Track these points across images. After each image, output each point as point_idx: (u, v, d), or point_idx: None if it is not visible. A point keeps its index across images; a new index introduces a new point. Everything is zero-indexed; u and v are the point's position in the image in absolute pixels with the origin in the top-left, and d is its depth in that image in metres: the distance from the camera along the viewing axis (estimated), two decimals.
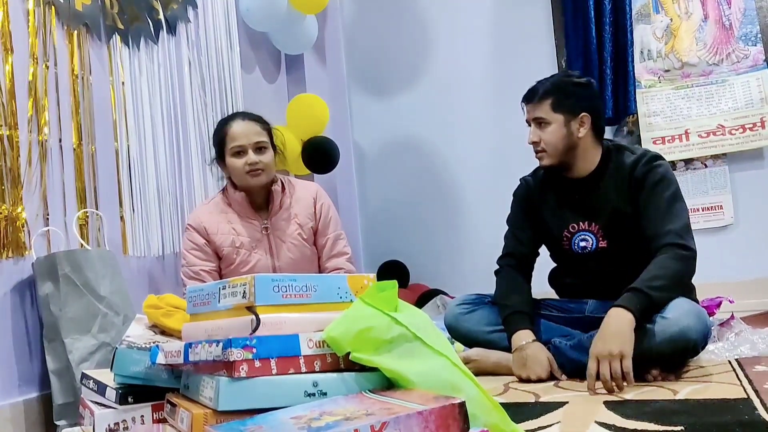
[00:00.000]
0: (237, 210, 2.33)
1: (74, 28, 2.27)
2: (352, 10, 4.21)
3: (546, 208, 2.18)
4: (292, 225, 2.37)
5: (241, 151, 2.26)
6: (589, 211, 2.08)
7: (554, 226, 2.15)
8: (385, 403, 1.03)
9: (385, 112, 4.09)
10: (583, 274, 2.14)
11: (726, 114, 3.28)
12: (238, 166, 2.26)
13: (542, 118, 2.06)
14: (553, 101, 2.05)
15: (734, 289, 2.89)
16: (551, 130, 2.05)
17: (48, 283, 1.93)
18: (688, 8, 3.39)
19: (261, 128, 2.31)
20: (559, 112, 2.04)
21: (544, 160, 2.09)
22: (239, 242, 2.29)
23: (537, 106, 2.07)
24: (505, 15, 3.84)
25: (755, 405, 1.39)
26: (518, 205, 2.28)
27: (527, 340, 1.98)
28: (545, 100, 2.06)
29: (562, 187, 2.14)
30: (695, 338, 1.77)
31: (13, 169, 1.99)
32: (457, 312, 2.22)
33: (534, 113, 2.07)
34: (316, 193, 2.44)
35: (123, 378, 1.42)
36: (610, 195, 2.04)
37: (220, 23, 3.07)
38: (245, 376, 1.13)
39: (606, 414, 1.43)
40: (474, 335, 2.16)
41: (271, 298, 1.24)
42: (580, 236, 2.10)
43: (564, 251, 2.15)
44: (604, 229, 2.06)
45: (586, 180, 2.09)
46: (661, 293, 1.81)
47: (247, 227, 2.32)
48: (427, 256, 3.87)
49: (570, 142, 2.05)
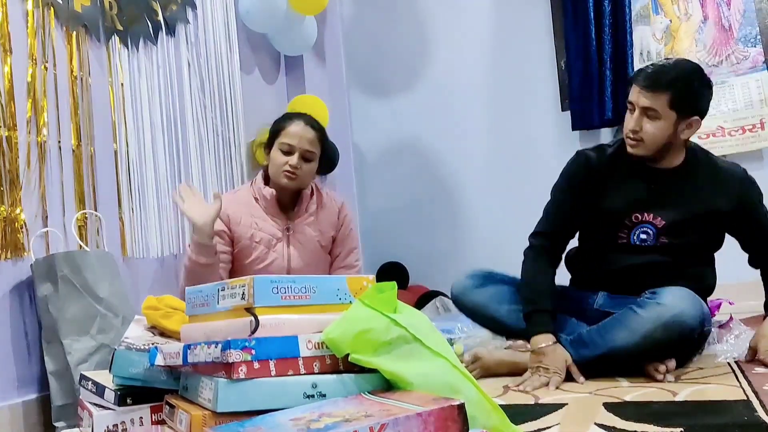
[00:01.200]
0: (263, 205, 2.35)
1: (73, 29, 2.26)
2: (351, 12, 4.21)
3: (613, 187, 2.01)
4: (314, 231, 2.39)
5: (289, 151, 2.30)
6: (662, 204, 1.96)
7: (619, 208, 1.99)
8: (384, 404, 1.03)
9: (384, 113, 4.09)
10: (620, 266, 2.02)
11: (725, 115, 3.28)
12: (280, 162, 2.30)
13: (654, 110, 1.88)
14: (672, 97, 1.87)
15: (734, 290, 2.88)
16: (659, 126, 1.89)
17: (47, 285, 1.92)
18: (687, 9, 3.39)
19: (317, 139, 2.36)
20: (674, 109, 1.88)
21: (638, 149, 1.93)
22: (259, 237, 2.31)
23: (653, 95, 1.87)
24: (504, 16, 3.84)
25: (754, 406, 1.39)
26: (573, 180, 2.07)
27: (547, 343, 1.88)
28: (664, 92, 1.87)
29: (641, 171, 2.00)
30: (690, 323, 1.76)
31: (11, 171, 1.99)
32: (468, 284, 2.16)
33: (647, 102, 1.88)
34: (342, 204, 2.49)
35: (122, 379, 1.42)
36: (695, 195, 1.95)
37: (220, 24, 3.07)
38: (244, 377, 1.13)
39: (605, 415, 1.43)
40: (482, 310, 2.12)
41: (270, 299, 1.24)
42: (642, 228, 1.97)
43: (615, 239, 2.01)
44: (668, 224, 1.95)
45: (670, 173, 1.98)
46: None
47: (269, 225, 2.34)
48: (426, 257, 3.87)
49: (670, 140, 1.93)
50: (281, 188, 2.34)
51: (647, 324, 1.77)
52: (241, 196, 2.39)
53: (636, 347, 1.78)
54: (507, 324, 2.05)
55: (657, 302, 1.79)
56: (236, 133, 3.09)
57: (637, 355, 1.79)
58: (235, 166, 3.06)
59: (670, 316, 1.75)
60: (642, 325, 1.78)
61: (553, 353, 1.87)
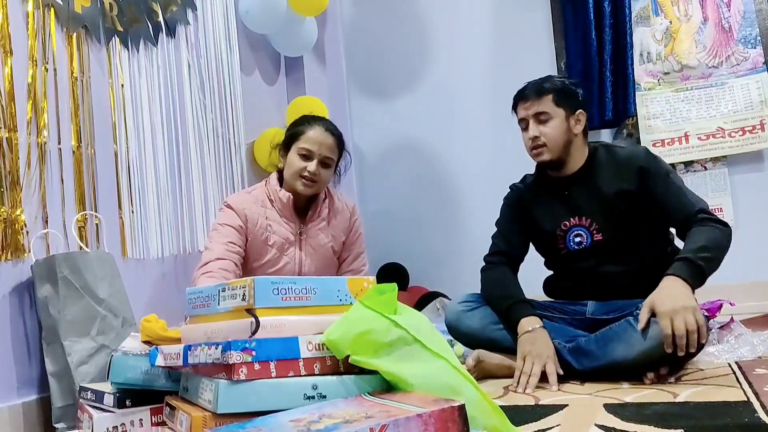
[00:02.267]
0: (278, 208, 2.33)
1: (73, 30, 2.27)
2: (351, 13, 4.21)
3: (537, 209, 2.18)
4: (326, 235, 2.39)
5: (308, 157, 2.27)
6: (580, 206, 2.09)
7: (547, 225, 2.15)
8: (384, 405, 1.03)
9: (384, 114, 4.09)
10: (579, 274, 2.12)
11: (726, 116, 3.28)
12: (298, 167, 2.27)
13: (545, 112, 2.08)
14: (555, 96, 2.09)
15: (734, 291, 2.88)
16: (554, 125, 2.08)
17: (47, 286, 1.92)
18: (687, 11, 3.40)
19: (336, 146, 2.33)
20: (560, 106, 2.09)
21: (544, 155, 2.10)
22: (272, 240, 2.30)
23: (538, 101, 2.09)
24: (504, 17, 3.84)
25: (755, 408, 1.38)
26: (509, 209, 2.29)
27: (535, 326, 1.96)
28: (547, 95, 2.09)
29: (553, 186, 2.16)
30: None
31: (12, 172, 1.99)
32: (459, 309, 2.18)
33: (535, 108, 2.09)
34: (353, 208, 2.49)
35: (120, 385, 1.42)
36: (602, 188, 2.06)
37: (220, 26, 3.07)
38: (244, 378, 1.13)
39: (606, 417, 1.43)
40: (476, 333, 2.13)
41: (270, 300, 1.24)
42: (573, 232, 2.10)
43: (558, 251, 2.14)
44: (597, 222, 2.07)
45: (576, 176, 2.12)
46: (710, 264, 1.84)
47: (283, 228, 2.32)
48: (426, 258, 3.87)
49: (568, 138, 2.09)
50: (296, 193, 2.31)
51: (646, 341, 1.77)
52: (256, 196, 2.35)
53: (634, 362, 1.80)
54: (505, 344, 2.05)
55: (655, 320, 1.77)
56: (236, 134, 3.09)
57: (635, 368, 1.80)
58: (235, 167, 3.06)
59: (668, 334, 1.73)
60: (640, 343, 1.78)
61: (544, 336, 1.93)
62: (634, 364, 1.79)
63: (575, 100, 2.13)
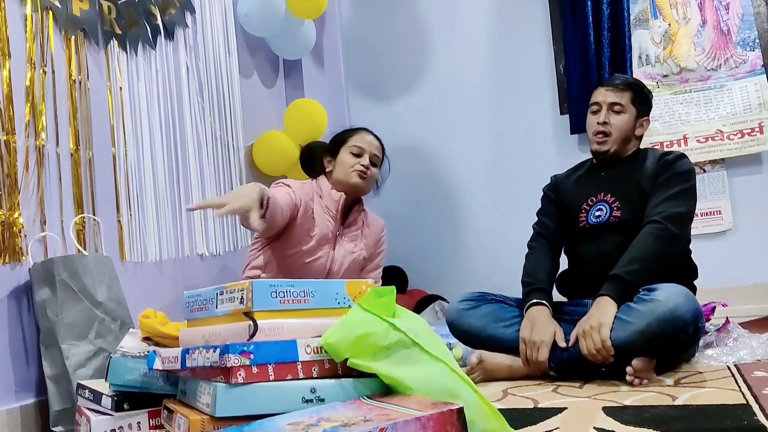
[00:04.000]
0: (325, 204, 2.40)
1: (72, 33, 2.26)
2: (350, 15, 4.22)
3: (571, 191, 2.31)
4: (359, 244, 2.48)
5: (360, 154, 2.41)
6: (608, 184, 2.20)
7: (575, 202, 2.26)
8: (383, 409, 1.03)
9: (383, 117, 4.08)
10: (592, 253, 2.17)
11: (724, 119, 3.28)
12: (351, 162, 2.40)
13: (621, 105, 2.20)
14: (633, 95, 2.22)
15: (732, 294, 2.89)
16: (625, 119, 2.20)
17: (45, 289, 1.92)
18: (686, 13, 3.40)
19: (381, 147, 2.51)
20: (635, 106, 2.21)
21: (607, 144, 2.20)
22: (314, 232, 2.35)
23: (620, 93, 2.21)
24: (503, 20, 3.84)
25: (754, 411, 1.38)
26: (546, 197, 2.41)
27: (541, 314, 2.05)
28: (627, 91, 2.22)
29: (593, 168, 2.31)
30: (685, 317, 1.79)
31: (10, 175, 1.98)
32: (460, 308, 2.20)
33: (614, 98, 2.20)
34: (383, 226, 2.63)
35: (118, 387, 1.42)
36: (635, 176, 2.16)
37: (218, 28, 3.07)
38: (242, 382, 1.13)
39: (605, 420, 1.43)
40: (477, 332, 2.14)
41: (268, 303, 1.24)
42: (596, 207, 2.20)
43: (579, 229, 2.22)
44: (619, 200, 2.16)
45: (623, 159, 2.24)
46: (639, 276, 1.93)
47: (324, 224, 2.39)
48: (425, 261, 3.87)
49: (631, 137, 2.23)
50: (347, 190, 2.41)
51: (642, 319, 1.81)
52: (307, 188, 2.43)
53: (631, 343, 1.82)
54: (506, 342, 2.06)
55: (651, 298, 1.84)
56: (235, 137, 3.09)
57: (633, 351, 1.82)
58: (234, 170, 3.06)
59: (664, 310, 1.79)
60: (637, 320, 1.82)
61: (546, 323, 2.01)
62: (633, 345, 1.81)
63: (648, 106, 2.27)
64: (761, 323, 2.57)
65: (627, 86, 2.23)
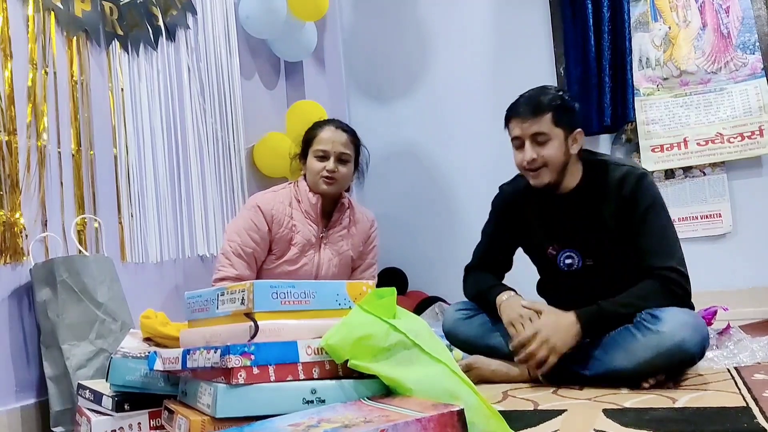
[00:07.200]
0: (304, 209, 2.38)
1: (73, 34, 2.27)
2: (351, 18, 4.22)
3: (529, 220, 2.13)
4: (346, 243, 2.45)
5: (324, 157, 2.34)
6: (572, 231, 2.04)
7: (539, 241, 2.12)
8: (383, 410, 1.03)
9: (384, 119, 4.09)
10: (570, 289, 2.08)
11: (724, 122, 3.28)
12: (316, 169, 2.34)
13: (544, 133, 1.95)
14: (554, 116, 1.95)
15: (732, 297, 2.89)
16: (553, 146, 1.95)
17: (46, 289, 1.92)
18: (686, 16, 3.40)
19: (350, 141, 2.39)
20: (559, 126, 1.96)
21: (544, 177, 1.98)
22: (296, 240, 2.35)
23: (537, 120, 1.95)
24: (504, 23, 3.84)
25: (754, 413, 1.38)
26: (498, 215, 2.24)
27: (509, 294, 2.04)
28: (545, 114, 1.95)
29: (547, 201, 2.08)
30: (692, 351, 1.75)
31: (11, 175, 1.99)
32: (456, 317, 2.18)
33: (533, 128, 1.96)
34: (373, 220, 2.56)
35: (118, 387, 1.42)
36: (594, 212, 1.99)
37: (220, 30, 3.07)
38: (243, 382, 1.13)
39: (605, 422, 1.43)
40: (474, 341, 2.13)
41: (269, 304, 1.24)
42: (565, 254, 2.07)
43: (550, 266, 2.12)
44: (588, 248, 2.02)
45: (570, 196, 2.04)
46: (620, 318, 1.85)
47: (306, 229, 2.37)
48: (425, 263, 3.87)
49: (567, 160, 2.00)
50: (321, 195, 2.37)
51: (647, 351, 1.75)
52: (283, 195, 2.41)
53: (634, 371, 1.78)
54: (504, 351, 2.04)
55: (657, 330, 1.76)
56: (236, 138, 3.09)
57: (635, 377, 1.79)
58: (235, 172, 3.06)
59: (671, 345, 1.72)
60: (642, 352, 1.76)
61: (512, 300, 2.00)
62: (635, 373, 1.77)
63: (573, 117, 2.00)
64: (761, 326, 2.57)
65: (542, 109, 1.95)
